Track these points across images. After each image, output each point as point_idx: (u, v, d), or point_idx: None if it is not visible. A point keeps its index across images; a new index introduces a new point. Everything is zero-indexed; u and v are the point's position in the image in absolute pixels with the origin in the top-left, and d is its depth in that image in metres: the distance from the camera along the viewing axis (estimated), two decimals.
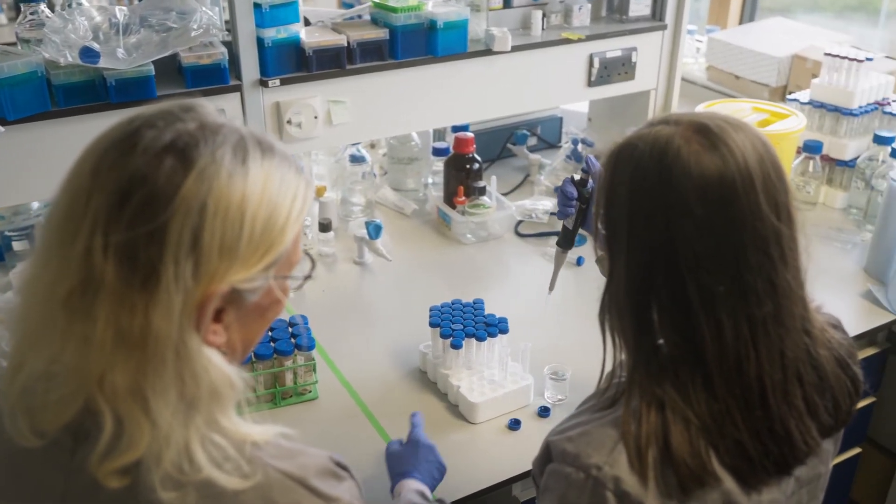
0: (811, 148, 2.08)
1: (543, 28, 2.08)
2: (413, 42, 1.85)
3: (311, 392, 1.49)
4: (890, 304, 1.74)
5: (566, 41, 2.06)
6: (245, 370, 0.77)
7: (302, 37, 1.75)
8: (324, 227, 1.91)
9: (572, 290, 1.78)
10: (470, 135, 2.03)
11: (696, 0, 3.19)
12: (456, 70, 1.93)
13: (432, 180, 2.25)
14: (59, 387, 0.73)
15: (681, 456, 0.85)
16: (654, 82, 2.26)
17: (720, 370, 0.87)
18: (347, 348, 1.63)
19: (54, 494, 0.77)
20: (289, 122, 1.77)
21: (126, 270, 0.69)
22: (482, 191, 2.01)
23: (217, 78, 1.67)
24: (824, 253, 1.94)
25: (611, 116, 2.44)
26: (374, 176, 2.18)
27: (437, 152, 2.18)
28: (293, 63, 1.76)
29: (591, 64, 2.12)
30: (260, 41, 1.70)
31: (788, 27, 2.78)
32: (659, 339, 0.90)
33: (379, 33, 1.83)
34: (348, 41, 1.79)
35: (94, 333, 0.70)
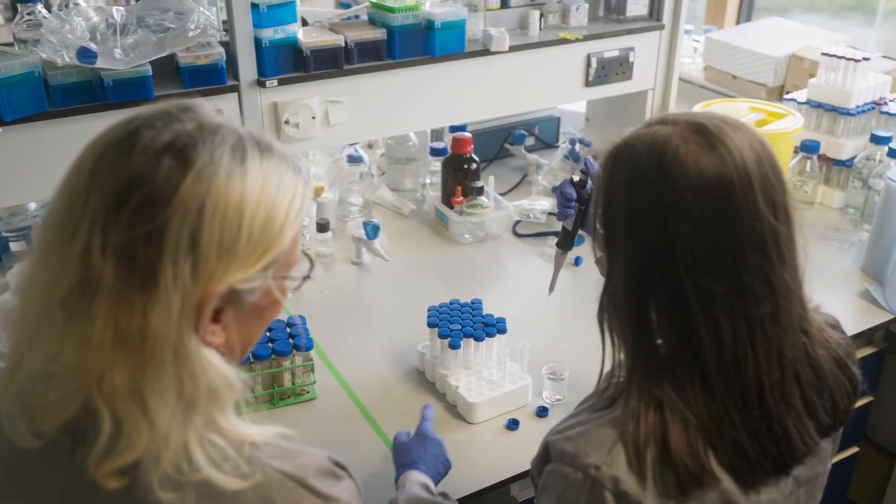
0: (808, 148, 2.08)
1: (541, 28, 2.08)
2: (410, 42, 1.85)
3: (310, 392, 1.48)
4: (887, 304, 1.74)
5: (564, 41, 2.06)
6: (243, 370, 0.77)
7: (299, 37, 1.75)
8: (321, 228, 1.91)
9: (570, 290, 1.78)
10: (468, 135, 2.03)
11: (693, 0, 3.19)
12: (453, 70, 1.93)
13: (430, 180, 2.25)
14: (58, 387, 0.73)
15: (679, 456, 0.85)
16: (652, 82, 2.26)
17: (718, 370, 0.87)
18: (345, 348, 1.63)
19: (53, 495, 0.77)
20: (286, 123, 1.77)
21: (124, 270, 0.69)
22: (480, 191, 2.01)
23: (214, 78, 1.66)
24: (821, 252, 1.95)
25: (608, 116, 2.44)
26: (372, 176, 2.17)
27: (435, 152, 2.19)
28: (291, 63, 1.75)
29: (589, 64, 2.12)
30: (257, 41, 1.70)
31: (785, 27, 2.78)
32: (657, 339, 0.90)
33: (376, 33, 1.83)
34: (346, 41, 1.79)
35: (93, 333, 0.70)
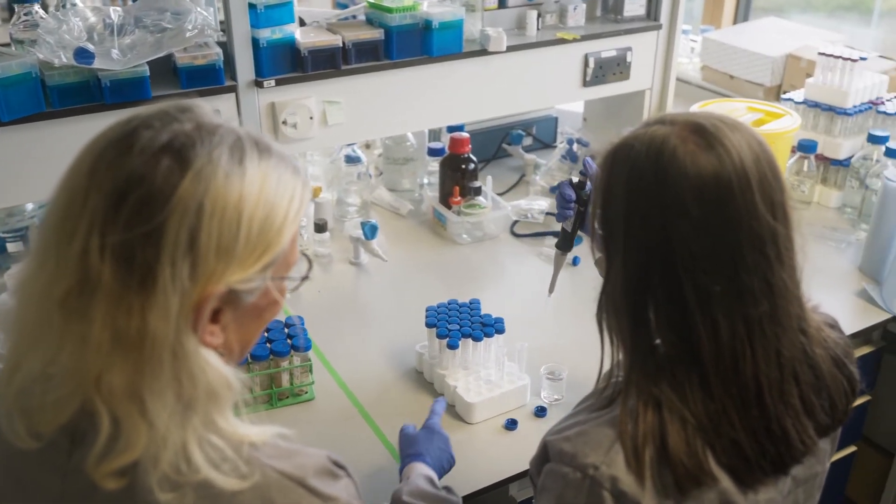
0: (806, 147, 2.08)
1: (538, 28, 2.08)
2: (408, 42, 1.85)
3: (308, 393, 1.48)
4: (885, 303, 1.75)
5: (561, 41, 2.06)
6: (242, 371, 0.77)
7: (297, 37, 1.75)
8: (319, 228, 1.91)
9: (568, 290, 1.78)
10: (465, 135, 2.03)
11: (691, 0, 3.20)
12: (451, 70, 1.93)
13: (428, 181, 2.25)
14: (56, 388, 0.73)
15: (677, 455, 0.85)
16: (649, 82, 2.26)
17: (717, 370, 0.87)
18: (344, 349, 1.63)
19: (51, 496, 0.77)
20: (284, 123, 1.77)
21: (123, 271, 0.69)
22: (478, 191, 2.01)
23: (212, 78, 1.66)
24: (819, 252, 1.95)
25: (606, 116, 2.45)
26: (370, 176, 2.17)
27: (433, 152, 2.19)
28: (288, 63, 1.75)
29: (586, 64, 2.12)
30: (255, 42, 1.70)
31: (782, 27, 2.78)
32: (656, 339, 0.90)
33: (374, 33, 1.82)
34: (343, 41, 1.79)
35: (91, 334, 0.70)
